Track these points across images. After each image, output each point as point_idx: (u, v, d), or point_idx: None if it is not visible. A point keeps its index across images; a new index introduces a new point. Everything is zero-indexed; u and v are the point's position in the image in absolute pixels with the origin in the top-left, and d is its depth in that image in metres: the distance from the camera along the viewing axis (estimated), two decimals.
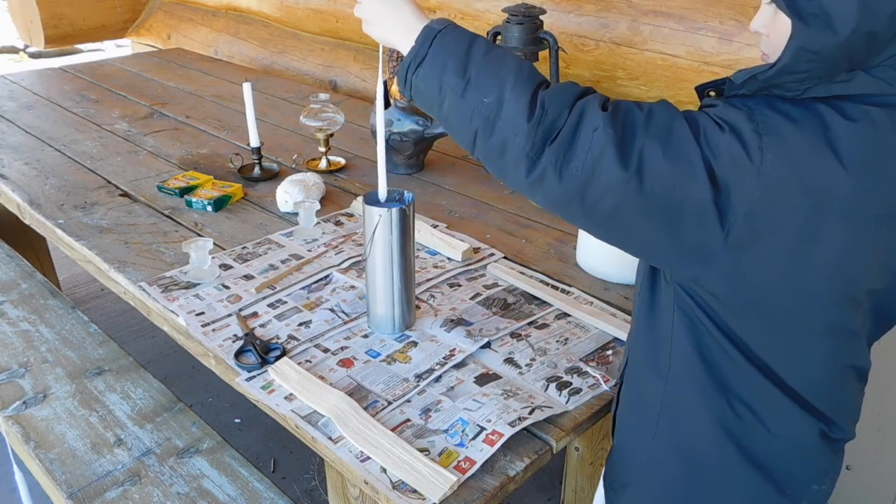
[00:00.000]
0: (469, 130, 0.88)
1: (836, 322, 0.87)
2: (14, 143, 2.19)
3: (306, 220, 1.62)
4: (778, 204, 0.77)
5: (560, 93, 0.84)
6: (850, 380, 0.95)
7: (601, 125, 0.80)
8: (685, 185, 0.78)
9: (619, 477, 1.10)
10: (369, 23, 1.02)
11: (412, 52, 0.93)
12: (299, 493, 2.15)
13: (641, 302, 1.00)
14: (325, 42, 3.02)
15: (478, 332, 1.28)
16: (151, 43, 3.95)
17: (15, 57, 7.29)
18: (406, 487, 0.97)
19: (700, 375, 0.92)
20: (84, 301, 3.09)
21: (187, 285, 1.43)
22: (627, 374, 1.07)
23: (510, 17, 1.81)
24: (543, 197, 0.86)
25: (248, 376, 1.18)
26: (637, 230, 0.83)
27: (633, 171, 0.78)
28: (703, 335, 0.90)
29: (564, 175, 0.81)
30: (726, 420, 0.93)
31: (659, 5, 1.94)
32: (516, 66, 0.87)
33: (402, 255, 1.23)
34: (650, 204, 0.79)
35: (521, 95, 0.84)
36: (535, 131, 0.82)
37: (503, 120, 0.84)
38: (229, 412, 2.46)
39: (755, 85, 0.81)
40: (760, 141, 0.77)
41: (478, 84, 0.87)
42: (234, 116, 2.45)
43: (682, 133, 0.79)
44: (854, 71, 0.78)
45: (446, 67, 0.89)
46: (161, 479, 1.44)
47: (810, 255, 0.79)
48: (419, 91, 0.93)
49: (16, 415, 1.59)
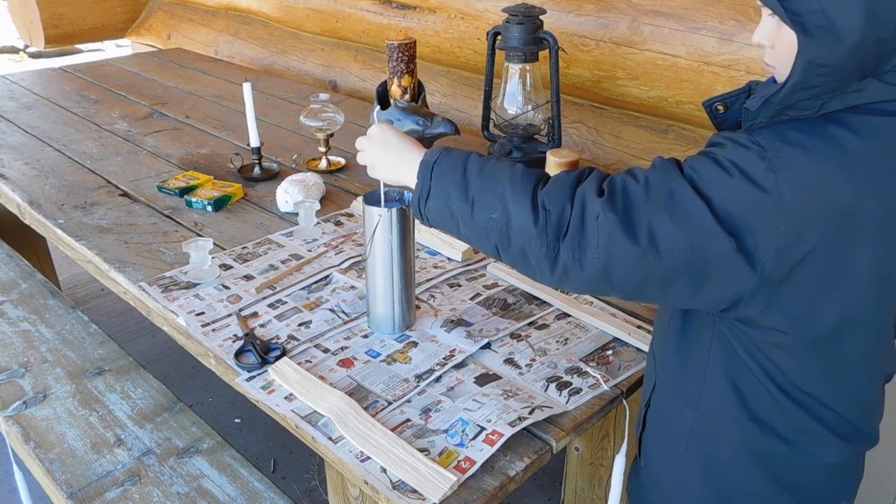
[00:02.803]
0: (490, 245, 0.91)
1: (877, 340, 0.87)
2: (14, 143, 2.19)
3: (306, 220, 1.62)
4: (805, 235, 0.76)
5: (557, 189, 0.86)
6: (881, 385, 0.96)
7: (601, 212, 0.81)
8: (703, 242, 0.78)
9: (647, 498, 1.11)
10: (375, 167, 1.07)
11: (417, 188, 0.96)
12: (299, 493, 2.15)
13: (673, 329, 0.99)
14: (325, 42, 3.02)
15: (478, 333, 1.28)
16: (151, 43, 3.95)
17: (15, 57, 7.29)
18: (406, 487, 0.97)
19: (733, 405, 0.92)
20: (84, 301, 3.09)
21: (187, 285, 1.43)
22: (655, 397, 1.06)
23: (510, 17, 1.81)
24: (573, 286, 0.87)
25: (248, 376, 1.18)
26: (671, 291, 0.84)
27: (645, 244, 0.79)
28: (740, 368, 0.90)
29: (585, 265, 0.83)
30: (758, 448, 0.93)
31: (659, 5, 1.94)
32: (509, 175, 0.89)
33: (402, 255, 1.23)
34: (674, 268, 0.80)
35: (521, 204, 0.86)
36: (545, 233, 0.84)
37: (514, 231, 0.86)
38: (229, 412, 2.46)
39: (771, 109, 0.80)
40: (776, 177, 0.76)
41: (481, 204, 0.89)
42: (234, 116, 2.45)
43: (685, 194, 0.79)
44: (866, 79, 0.77)
45: (450, 195, 0.92)
46: (161, 479, 1.43)
47: (845, 278, 0.79)
48: (435, 221, 0.96)
49: (16, 415, 1.59)
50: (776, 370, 0.87)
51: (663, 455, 1.06)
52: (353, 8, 2.86)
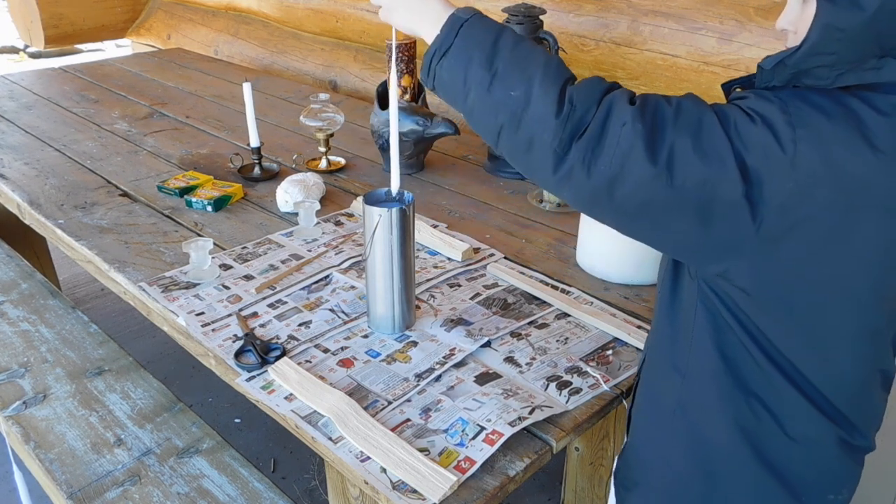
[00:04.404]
0: (494, 124, 0.87)
1: (866, 321, 0.86)
2: (14, 143, 2.19)
3: (306, 220, 1.62)
4: (812, 197, 0.75)
5: (588, 88, 0.83)
6: (876, 385, 0.94)
7: (629, 120, 0.78)
8: (716, 178, 0.76)
9: (631, 475, 1.09)
10: (390, 10, 0.98)
11: (437, 41, 0.90)
12: (299, 493, 2.15)
13: (662, 298, 0.98)
14: (325, 42, 3.02)
15: (478, 332, 1.28)
16: (151, 43, 3.95)
17: (15, 57, 7.29)
18: (406, 487, 0.97)
19: (719, 373, 0.91)
20: (84, 301, 3.09)
21: (187, 285, 1.43)
22: (644, 370, 1.06)
23: (510, 17, 1.81)
24: (571, 193, 0.84)
25: (248, 376, 1.18)
26: (666, 225, 0.82)
27: (662, 166, 0.77)
28: (726, 332, 0.89)
29: (593, 171, 0.80)
30: (743, 419, 0.91)
31: (659, 5, 1.94)
32: (544, 61, 0.85)
33: (402, 255, 1.23)
34: (680, 198, 0.78)
35: (549, 91, 0.82)
36: (564, 127, 0.81)
37: (530, 115, 0.83)
38: (229, 412, 2.46)
39: (785, 73, 0.79)
40: (794, 133, 0.75)
41: (504, 78, 0.85)
42: (234, 116, 2.45)
43: (712, 126, 0.77)
44: (885, 58, 0.77)
45: (472, 59, 0.87)
46: (161, 479, 1.44)
47: (844, 250, 0.78)
48: (443, 82, 0.91)
49: (16, 415, 1.59)
50: (760, 334, 0.86)
51: (649, 429, 1.04)
52: (353, 8, 2.86)
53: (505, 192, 1.87)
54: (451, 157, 2.11)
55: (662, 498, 1.04)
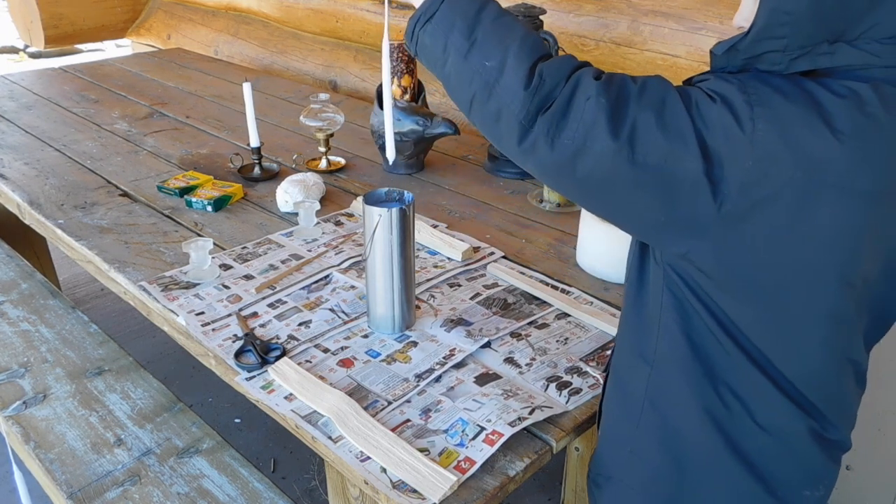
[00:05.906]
0: (468, 92, 0.88)
1: (831, 306, 0.85)
2: (14, 143, 2.19)
3: (306, 220, 1.62)
4: (771, 175, 0.76)
5: (559, 64, 0.85)
6: (847, 376, 0.93)
7: (594, 94, 0.80)
8: (677, 155, 0.77)
9: (602, 470, 1.07)
10: None
11: (423, 6, 0.93)
12: (299, 493, 2.16)
13: (629, 286, 0.98)
14: (325, 42, 3.03)
15: (478, 332, 1.28)
16: (151, 43, 3.95)
17: (15, 57, 7.29)
18: (406, 487, 0.97)
19: (687, 360, 0.91)
20: (84, 301, 3.09)
21: (187, 285, 1.43)
22: (614, 362, 1.05)
23: None
24: (535, 165, 0.86)
25: (248, 376, 1.18)
26: (628, 201, 0.83)
27: (624, 140, 0.78)
28: (692, 318, 0.89)
29: (556, 144, 0.81)
30: (713, 408, 0.91)
31: (659, 5, 1.94)
32: (522, 35, 0.87)
33: (402, 255, 1.23)
34: (642, 174, 0.79)
35: (522, 63, 0.84)
36: (532, 100, 0.82)
37: (501, 86, 0.85)
38: (229, 412, 2.46)
39: (738, 58, 0.81)
40: (752, 111, 0.76)
41: (482, 47, 0.87)
42: (234, 116, 2.45)
43: (675, 104, 0.79)
44: (837, 42, 0.78)
45: (454, 27, 0.89)
46: (161, 479, 1.44)
47: (804, 230, 0.78)
48: (424, 47, 0.93)
49: (16, 415, 1.60)
50: (727, 319, 0.86)
51: (619, 420, 1.03)
52: (353, 8, 2.86)
53: (505, 192, 1.87)
54: (451, 157, 2.11)
55: (635, 492, 1.02)
